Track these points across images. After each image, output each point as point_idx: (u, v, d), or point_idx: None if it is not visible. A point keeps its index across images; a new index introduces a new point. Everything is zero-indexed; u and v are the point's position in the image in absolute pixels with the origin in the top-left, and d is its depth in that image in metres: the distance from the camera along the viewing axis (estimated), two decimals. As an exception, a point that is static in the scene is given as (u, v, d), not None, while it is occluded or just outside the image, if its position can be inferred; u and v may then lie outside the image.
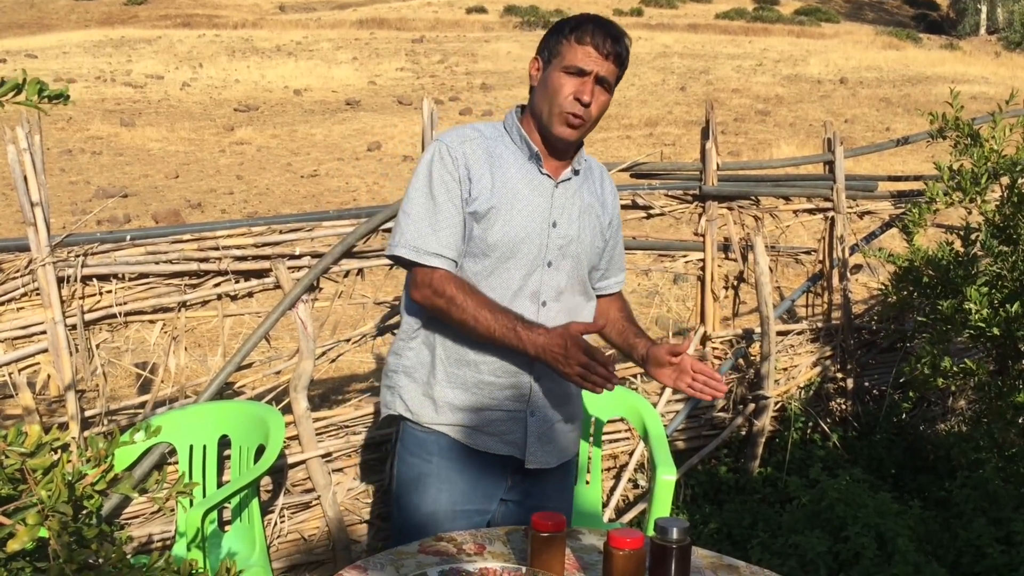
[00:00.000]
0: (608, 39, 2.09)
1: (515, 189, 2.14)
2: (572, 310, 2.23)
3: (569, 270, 2.21)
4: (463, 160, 2.13)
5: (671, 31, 35.52)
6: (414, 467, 2.27)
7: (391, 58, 27.11)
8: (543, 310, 2.17)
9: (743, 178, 3.96)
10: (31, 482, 1.30)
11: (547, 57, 2.15)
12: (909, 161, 11.85)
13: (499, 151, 2.17)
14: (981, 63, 27.61)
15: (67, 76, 21.69)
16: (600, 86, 2.11)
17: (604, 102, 2.15)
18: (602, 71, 2.10)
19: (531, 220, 2.15)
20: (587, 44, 2.08)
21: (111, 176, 12.15)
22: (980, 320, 3.14)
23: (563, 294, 2.20)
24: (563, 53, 2.11)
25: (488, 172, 2.13)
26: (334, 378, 4.99)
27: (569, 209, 2.20)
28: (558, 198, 2.19)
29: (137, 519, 3.04)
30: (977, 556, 3.04)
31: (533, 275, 2.16)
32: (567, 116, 2.11)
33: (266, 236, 3.10)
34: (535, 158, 2.17)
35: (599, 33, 2.09)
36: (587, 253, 2.24)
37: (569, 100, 2.10)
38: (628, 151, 13.59)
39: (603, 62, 2.09)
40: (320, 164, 13.11)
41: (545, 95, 2.13)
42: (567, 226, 2.19)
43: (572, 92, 2.09)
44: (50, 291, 2.81)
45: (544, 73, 2.15)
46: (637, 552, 1.77)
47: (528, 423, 2.22)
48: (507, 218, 2.12)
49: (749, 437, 3.98)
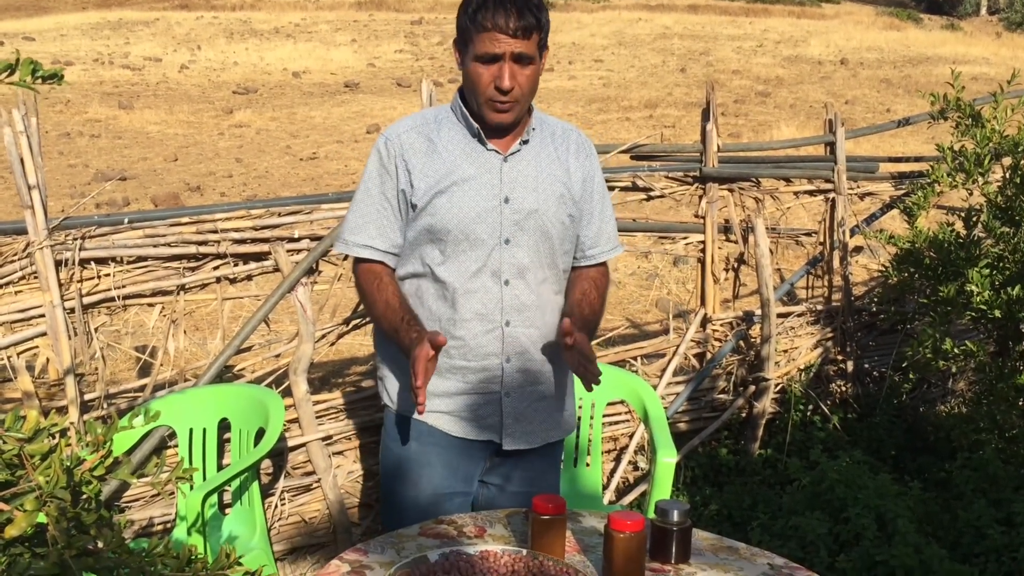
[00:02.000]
0: (511, 16, 1.99)
1: (460, 170, 2.11)
2: (539, 286, 2.18)
3: (532, 246, 2.15)
4: (399, 151, 2.13)
5: (671, 12, 35.33)
6: (393, 452, 2.28)
7: (390, 40, 26.97)
8: (507, 289, 2.14)
9: (743, 160, 3.94)
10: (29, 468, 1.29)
11: (461, 44, 2.10)
12: (910, 142, 11.81)
13: (442, 134, 2.15)
14: (982, 44, 27.47)
15: (65, 59, 21.59)
16: (518, 63, 2.04)
17: (530, 74, 2.06)
18: (515, 49, 2.01)
19: (480, 198, 2.11)
20: (490, 29, 2.00)
21: (110, 159, 12.11)
22: (981, 302, 3.13)
23: (527, 271, 2.15)
24: (472, 41, 2.04)
25: (429, 157, 2.12)
26: (334, 361, 4.99)
27: (523, 182, 2.14)
28: (507, 172, 2.14)
29: (137, 502, 3.04)
30: (977, 537, 3.05)
31: (491, 254, 2.13)
32: (493, 104, 2.07)
33: (265, 219, 3.09)
34: (477, 135, 2.13)
35: (500, 12, 1.99)
36: (553, 225, 2.16)
37: (490, 88, 2.05)
38: (628, 133, 13.54)
39: (512, 41, 2.00)
40: (319, 147, 13.07)
41: (468, 87, 2.10)
42: (522, 200, 2.13)
43: (491, 80, 2.04)
44: (48, 274, 2.80)
45: (463, 64, 2.10)
46: (638, 535, 1.77)
47: (503, 404, 2.20)
48: (454, 200, 2.09)
49: (749, 419, 3.98)
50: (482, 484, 2.32)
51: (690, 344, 3.89)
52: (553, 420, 2.30)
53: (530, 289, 2.16)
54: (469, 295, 2.13)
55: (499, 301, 2.14)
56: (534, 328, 2.19)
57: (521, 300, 2.15)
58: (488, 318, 2.15)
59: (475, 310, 2.14)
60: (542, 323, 2.20)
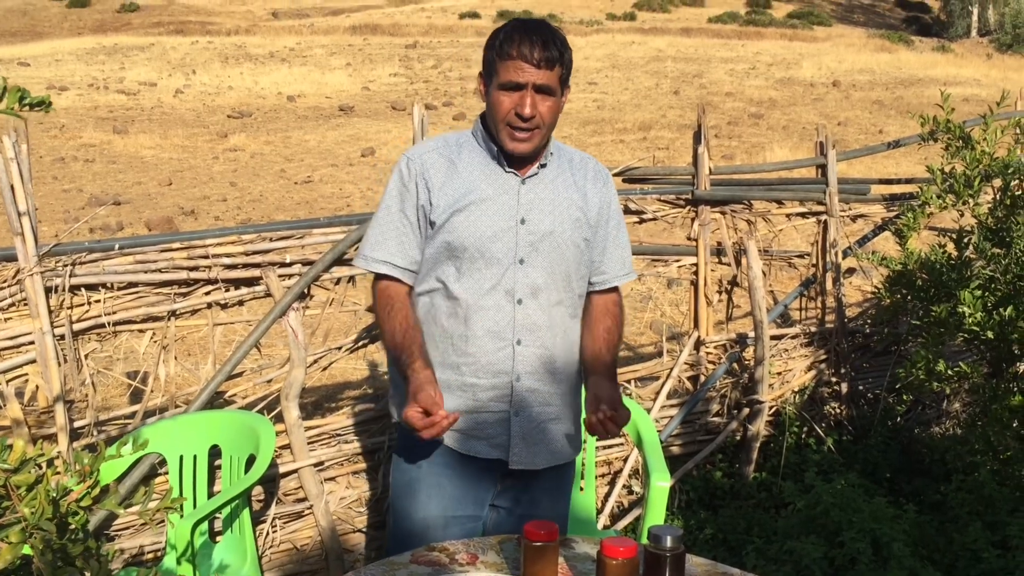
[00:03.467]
0: (536, 47, 2.05)
1: (479, 190, 2.15)
2: (551, 307, 2.19)
3: (546, 267, 2.17)
4: (420, 169, 2.17)
5: (664, 35, 35.58)
6: (406, 473, 2.28)
7: (384, 64, 27.10)
8: (520, 308, 2.16)
9: (736, 182, 3.95)
10: (15, 499, 1.28)
11: (486, 75, 2.16)
12: (902, 163, 11.87)
13: (463, 156, 2.20)
14: (973, 65, 27.69)
15: (60, 84, 21.65)
16: (541, 94, 2.09)
17: (551, 106, 2.12)
18: (538, 80, 2.07)
19: (498, 218, 2.14)
20: (515, 58, 2.06)
21: (104, 184, 12.12)
22: (974, 323, 3.13)
23: (541, 292, 2.17)
24: (497, 70, 2.09)
25: (449, 177, 2.16)
26: (326, 386, 4.97)
27: (539, 204, 2.18)
28: (525, 194, 2.17)
29: (127, 530, 3.01)
30: (973, 560, 3.03)
31: (506, 273, 2.15)
32: (512, 132, 2.11)
33: (256, 244, 3.09)
34: (497, 158, 2.17)
35: (525, 43, 2.05)
36: (568, 248, 2.20)
37: (511, 115, 2.09)
38: (622, 155, 13.59)
39: (536, 71, 2.06)
40: (314, 170, 13.09)
41: (491, 115, 2.15)
42: (538, 222, 2.17)
43: (512, 107, 2.08)
44: (38, 301, 2.79)
45: (487, 92, 2.15)
46: (630, 561, 1.75)
47: (512, 423, 2.20)
48: (473, 219, 2.13)
49: (744, 442, 3.97)
50: (491, 508, 2.32)
51: (684, 367, 3.88)
52: (560, 443, 2.29)
53: (543, 310, 2.18)
54: (482, 312, 2.15)
55: (511, 320, 2.16)
56: (545, 348, 2.20)
57: (533, 320, 2.17)
58: (500, 336, 2.16)
59: (487, 328, 2.15)
60: (553, 344, 2.21)
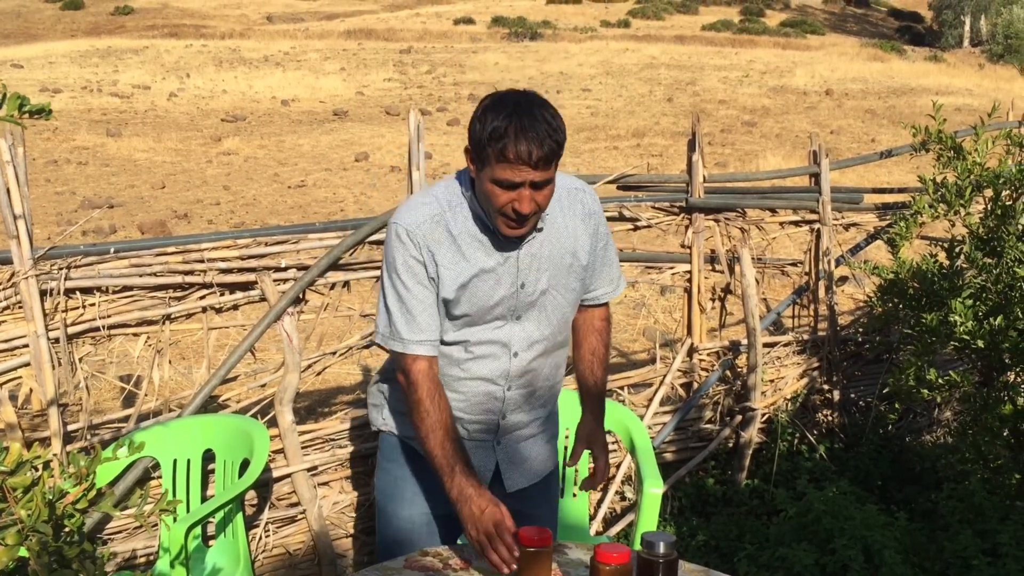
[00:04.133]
0: (533, 148, 1.92)
1: (479, 262, 2.10)
2: (546, 353, 2.23)
3: (543, 319, 2.19)
4: (424, 243, 2.07)
5: (658, 42, 35.66)
6: (390, 472, 2.32)
7: (379, 69, 27.11)
8: (515, 360, 2.19)
9: (729, 190, 3.97)
10: (11, 501, 1.28)
11: (477, 159, 2.01)
12: (894, 172, 11.91)
13: (460, 224, 2.10)
14: (965, 75, 27.82)
15: (53, 86, 21.61)
16: (537, 188, 1.98)
17: (547, 194, 2.02)
18: (535, 178, 1.95)
19: (499, 287, 2.12)
20: (512, 161, 1.93)
21: (97, 187, 12.09)
22: (965, 332, 3.14)
23: (536, 343, 2.20)
24: (490, 163, 1.96)
25: (452, 252, 2.08)
26: (320, 391, 4.97)
27: (537, 264, 2.15)
28: (524, 259, 2.13)
29: (120, 534, 3.01)
30: (963, 568, 3.04)
31: (503, 329, 2.17)
32: (508, 222, 2.02)
33: (252, 248, 3.09)
34: (493, 233, 2.10)
35: (522, 143, 1.92)
36: (564, 295, 2.21)
37: (507, 208, 1.99)
38: (615, 162, 13.62)
39: (532, 172, 1.94)
40: (308, 175, 13.09)
41: (483, 198, 2.04)
42: (536, 282, 2.15)
43: (508, 202, 1.98)
44: (33, 304, 2.79)
45: (478, 175, 2.02)
46: (623, 567, 1.76)
47: (496, 450, 2.28)
48: (475, 291, 2.11)
49: (736, 449, 3.98)
50: None
51: (677, 374, 3.89)
52: (545, 453, 2.38)
53: (536, 359, 2.22)
54: (477, 361, 2.18)
55: (506, 371, 2.20)
56: (532, 387, 2.26)
57: (527, 368, 2.22)
58: (493, 382, 2.20)
59: (482, 374, 2.19)
60: (540, 382, 2.27)
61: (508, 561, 1.88)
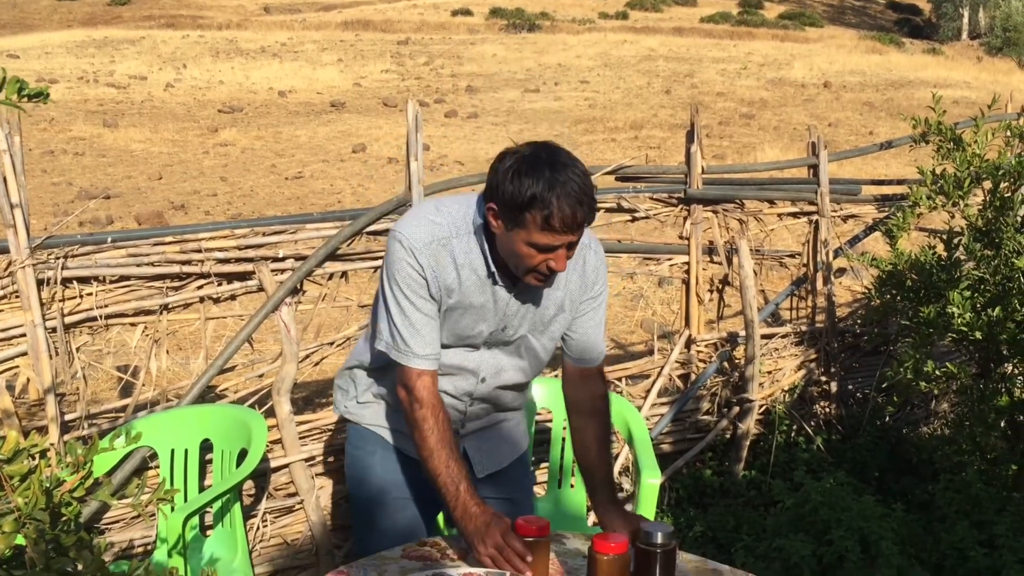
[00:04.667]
0: (577, 215, 1.89)
1: (470, 297, 2.10)
2: (513, 379, 2.26)
3: (513, 353, 2.22)
4: (431, 263, 2.04)
5: (656, 34, 35.60)
6: (359, 460, 2.35)
7: (376, 60, 27.05)
8: (481, 385, 2.23)
9: (728, 181, 3.97)
10: (8, 489, 1.28)
11: (506, 219, 1.95)
12: (892, 165, 11.91)
13: (463, 255, 2.07)
14: (963, 68, 27.81)
15: (49, 76, 21.53)
16: (571, 247, 1.97)
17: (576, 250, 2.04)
18: (574, 240, 1.95)
19: (480, 323, 2.14)
20: (557, 229, 1.90)
21: (93, 177, 12.07)
22: (963, 324, 3.15)
23: (504, 371, 2.24)
24: (527, 227, 1.92)
25: (452, 277, 2.07)
26: (318, 381, 4.96)
27: (523, 313, 2.16)
28: (511, 304, 2.13)
29: (118, 524, 3.01)
30: (960, 559, 3.05)
31: (474, 355, 2.20)
32: (537, 276, 2.00)
33: (249, 238, 3.08)
34: (493, 277, 2.08)
35: (566, 211, 1.88)
36: (539, 340, 2.22)
37: (542, 267, 1.97)
38: (613, 154, 13.61)
39: (573, 235, 1.93)
40: (305, 166, 13.06)
41: (510, 254, 2.00)
42: (517, 327, 2.17)
43: (542, 262, 1.96)
44: (30, 293, 2.78)
45: (506, 233, 1.97)
46: (621, 556, 1.76)
47: (464, 440, 2.31)
48: (458, 319, 2.12)
49: (734, 440, 3.98)
50: None
51: (674, 365, 3.90)
52: (513, 439, 2.43)
53: (503, 384, 2.26)
54: (443, 378, 2.18)
55: (470, 392, 2.25)
56: (495, 404, 2.31)
57: (492, 393, 2.27)
58: (456, 398, 2.25)
59: (445, 389, 2.20)
60: (502, 402, 2.32)
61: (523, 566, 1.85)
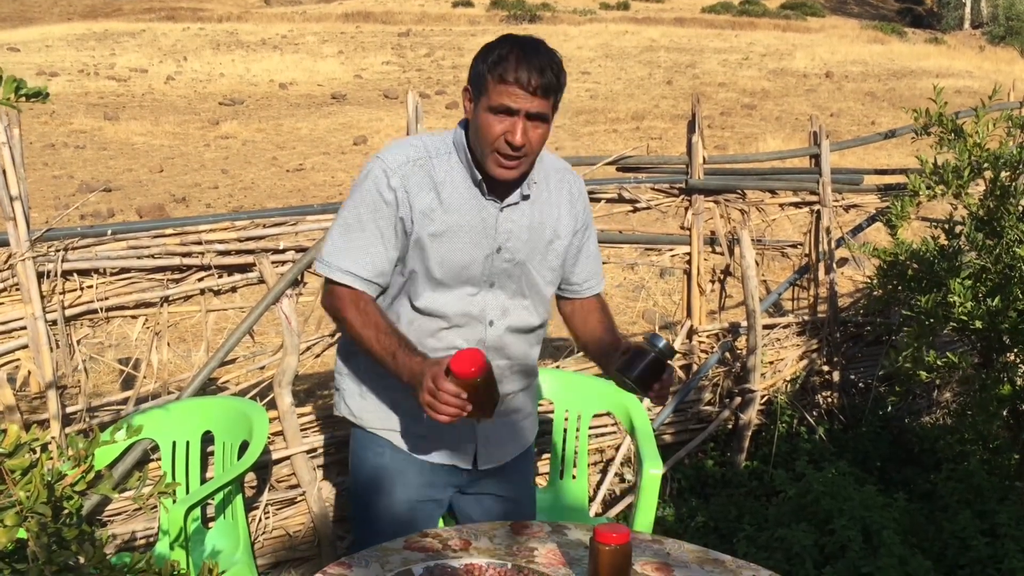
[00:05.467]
0: (533, 74, 1.94)
1: (459, 214, 2.07)
2: (520, 323, 2.21)
3: (515, 289, 2.18)
4: (401, 183, 2.05)
5: (657, 25, 35.53)
6: (368, 462, 2.27)
7: (377, 52, 27.00)
8: (490, 329, 2.17)
9: (729, 172, 3.96)
10: (10, 482, 1.28)
11: (475, 91, 2.03)
12: (894, 155, 11.89)
13: (443, 172, 2.08)
14: (965, 57, 27.73)
15: (50, 69, 21.51)
16: (532, 121, 1.98)
17: (542, 133, 2.02)
18: (531, 108, 1.96)
19: (475, 247, 2.10)
20: (511, 83, 1.94)
21: (94, 170, 12.06)
22: (964, 313, 3.14)
23: (510, 312, 2.18)
24: (488, 91, 1.97)
25: (430, 197, 2.06)
26: (319, 373, 4.96)
27: (517, 232, 2.13)
28: (503, 222, 2.12)
29: (120, 516, 3.01)
30: (962, 548, 3.05)
31: (476, 296, 2.14)
32: (499, 158, 2.01)
33: (250, 230, 3.08)
34: (479, 185, 2.09)
35: (523, 68, 1.94)
36: (540, 273, 2.19)
37: (500, 141, 1.98)
38: (615, 145, 13.59)
39: (531, 99, 1.95)
40: (306, 158, 13.05)
41: (477, 136, 2.03)
42: (514, 250, 2.14)
43: (502, 133, 1.97)
44: (30, 286, 2.78)
45: (474, 110, 2.03)
46: (623, 547, 1.76)
47: (477, 429, 2.23)
48: (450, 246, 2.08)
49: (735, 431, 3.98)
50: (459, 494, 2.33)
51: (676, 356, 3.89)
52: (521, 434, 2.36)
53: (511, 329, 2.20)
54: (452, 331, 2.15)
55: (482, 340, 2.17)
56: (508, 359, 2.23)
57: (502, 339, 2.19)
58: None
59: (456, 345, 2.14)
60: (515, 354, 2.24)
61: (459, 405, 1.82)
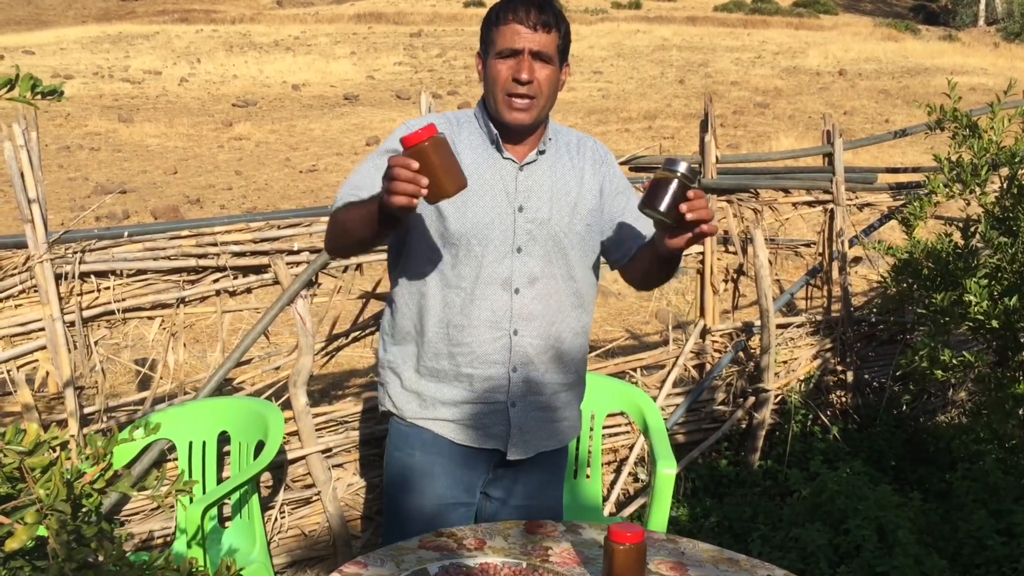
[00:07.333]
0: (532, 11, 2.04)
1: (475, 174, 2.09)
2: (550, 296, 2.16)
3: (543, 256, 2.14)
4: None
5: (670, 24, 35.46)
6: (398, 461, 2.27)
7: (389, 52, 27.06)
8: (517, 297, 2.13)
9: (742, 171, 3.95)
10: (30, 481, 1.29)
11: (484, 51, 2.13)
12: (908, 153, 11.84)
13: (462, 135, 2.15)
14: (980, 54, 27.57)
15: (64, 72, 21.66)
16: (539, 60, 2.06)
17: (549, 75, 2.08)
18: (534, 45, 2.04)
19: (494, 206, 2.10)
20: (511, 23, 2.04)
21: (109, 172, 12.14)
22: (979, 312, 3.13)
23: (539, 280, 2.14)
24: (494, 39, 2.08)
25: None
26: (333, 373, 4.99)
27: (538, 191, 2.14)
28: (523, 181, 2.13)
29: (137, 515, 3.04)
30: (978, 548, 3.04)
31: (503, 262, 2.12)
32: (510, 100, 2.07)
33: (264, 232, 3.10)
34: (495, 142, 2.13)
35: (521, 7, 2.05)
36: (567, 236, 2.16)
37: (508, 82, 2.05)
38: (627, 144, 13.57)
39: (533, 35, 2.04)
40: (319, 159, 13.10)
41: (489, 88, 2.11)
42: (536, 209, 2.13)
43: (510, 75, 2.05)
44: (48, 288, 2.81)
45: (485, 68, 2.13)
46: (638, 546, 1.76)
47: (510, 414, 2.19)
48: (468, 204, 2.08)
49: (749, 430, 3.98)
50: (484, 497, 2.32)
51: (689, 355, 3.89)
52: (553, 430, 2.29)
53: (540, 299, 2.15)
54: (479, 301, 2.12)
55: (508, 309, 2.13)
56: (543, 339, 2.17)
57: (531, 309, 2.14)
58: (497, 326, 2.13)
59: (484, 317, 2.12)
60: (552, 334, 2.18)
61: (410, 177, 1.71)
